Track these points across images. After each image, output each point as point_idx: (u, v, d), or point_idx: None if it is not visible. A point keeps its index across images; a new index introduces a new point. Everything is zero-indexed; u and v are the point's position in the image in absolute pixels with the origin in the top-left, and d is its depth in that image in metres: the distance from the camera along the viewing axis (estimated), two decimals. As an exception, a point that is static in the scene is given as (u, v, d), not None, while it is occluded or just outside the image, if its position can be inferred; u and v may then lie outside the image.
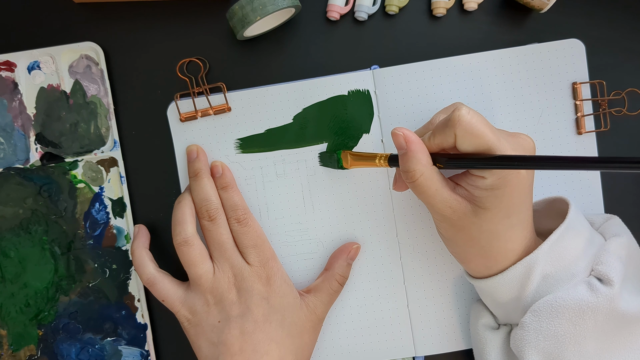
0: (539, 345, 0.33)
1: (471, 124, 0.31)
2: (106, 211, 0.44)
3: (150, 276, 0.39)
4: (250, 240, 0.40)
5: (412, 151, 0.33)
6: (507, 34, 0.43)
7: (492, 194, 0.32)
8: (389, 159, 0.37)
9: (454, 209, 0.33)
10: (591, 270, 0.34)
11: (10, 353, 0.44)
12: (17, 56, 0.43)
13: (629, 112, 0.43)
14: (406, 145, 0.33)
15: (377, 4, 0.43)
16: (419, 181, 0.33)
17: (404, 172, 0.33)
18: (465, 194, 0.33)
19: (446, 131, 0.32)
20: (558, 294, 0.33)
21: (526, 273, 0.34)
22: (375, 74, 0.42)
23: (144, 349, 0.44)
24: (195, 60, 0.44)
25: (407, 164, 0.33)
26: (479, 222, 0.33)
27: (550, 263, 0.34)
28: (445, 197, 0.33)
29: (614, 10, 0.43)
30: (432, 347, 0.43)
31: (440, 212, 0.34)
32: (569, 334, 0.33)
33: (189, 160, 0.42)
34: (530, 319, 0.34)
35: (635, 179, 0.43)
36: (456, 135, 0.32)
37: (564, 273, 0.34)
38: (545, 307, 0.33)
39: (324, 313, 0.41)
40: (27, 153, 0.43)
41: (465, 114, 0.31)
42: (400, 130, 0.33)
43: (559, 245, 0.34)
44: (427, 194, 0.33)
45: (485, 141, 0.31)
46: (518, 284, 0.34)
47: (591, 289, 0.33)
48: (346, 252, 0.42)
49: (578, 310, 0.32)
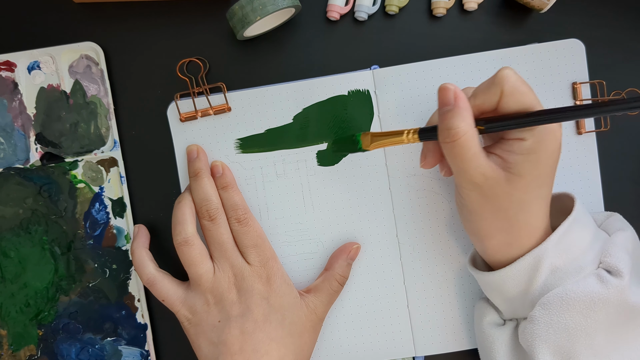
0: (550, 339, 0.33)
1: (518, 82, 0.32)
2: (106, 211, 0.44)
3: (150, 276, 0.39)
4: (250, 240, 0.40)
5: (460, 107, 0.32)
6: (507, 34, 0.43)
7: (527, 159, 0.32)
8: (419, 131, 0.35)
9: (487, 176, 0.32)
10: (599, 262, 0.34)
11: (10, 353, 0.44)
12: (17, 56, 0.43)
13: (629, 112, 0.43)
14: (454, 100, 0.32)
15: (377, 4, 0.43)
16: (461, 140, 0.32)
17: (446, 130, 0.32)
18: (499, 162, 0.33)
19: (491, 89, 0.32)
20: (568, 286, 0.33)
21: (535, 265, 0.34)
22: (375, 74, 0.42)
23: (144, 349, 0.44)
24: (195, 60, 0.44)
25: (451, 121, 0.32)
26: (510, 190, 0.32)
27: (559, 255, 0.34)
28: (481, 163, 0.32)
29: (614, 10, 0.43)
30: (432, 347, 0.43)
31: (472, 179, 0.33)
32: (580, 326, 0.32)
33: (189, 160, 0.42)
34: (539, 312, 0.33)
35: (635, 179, 0.43)
36: (503, 93, 0.32)
37: (572, 266, 0.34)
38: (555, 300, 0.33)
39: (324, 313, 0.41)
40: (27, 153, 0.43)
41: (512, 73, 0.32)
42: (451, 85, 0.32)
43: (567, 238, 0.34)
44: (464, 157, 0.32)
45: (530, 99, 0.32)
46: (526, 277, 0.34)
47: (601, 280, 0.32)
48: (346, 252, 0.42)
49: (589, 302, 0.32)
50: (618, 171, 0.43)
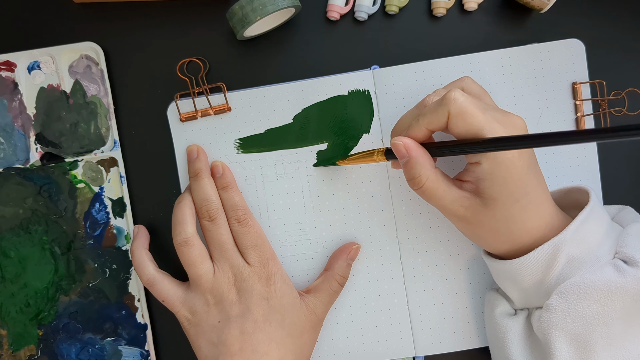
0: (567, 327, 0.33)
1: (465, 103, 0.32)
2: (106, 211, 0.44)
3: (150, 276, 0.39)
4: (250, 241, 0.40)
5: (414, 157, 0.33)
6: (507, 34, 0.43)
7: (492, 182, 0.32)
8: (385, 152, 0.37)
9: (466, 206, 0.33)
10: (615, 253, 0.34)
11: (10, 353, 0.44)
12: (17, 56, 0.43)
13: (629, 112, 0.43)
14: (407, 152, 0.34)
15: (377, 4, 0.43)
16: (426, 185, 0.34)
17: (410, 179, 0.34)
18: (472, 188, 0.34)
19: (439, 110, 0.33)
20: (585, 275, 0.33)
21: (552, 255, 0.34)
22: (375, 74, 0.42)
23: (144, 349, 0.44)
24: (195, 60, 0.44)
25: (411, 171, 0.34)
26: (491, 212, 0.33)
27: (576, 245, 0.34)
28: (454, 197, 0.34)
29: (614, 10, 0.43)
30: (432, 347, 0.43)
31: (453, 212, 0.34)
32: (597, 315, 0.32)
33: (189, 160, 0.42)
34: (556, 300, 0.33)
35: (635, 179, 0.43)
36: (450, 114, 0.32)
37: (589, 256, 0.34)
38: (572, 289, 0.33)
39: (323, 313, 0.41)
40: (27, 153, 0.43)
41: (459, 95, 0.32)
42: (399, 139, 0.34)
43: (584, 228, 0.34)
44: (436, 197, 0.34)
45: (477, 122, 0.32)
46: (543, 266, 0.34)
47: (618, 270, 0.33)
48: (346, 252, 0.42)
49: (606, 291, 0.32)
50: (618, 171, 0.43)
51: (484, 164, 0.32)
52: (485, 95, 0.36)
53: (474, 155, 0.33)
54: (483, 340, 0.42)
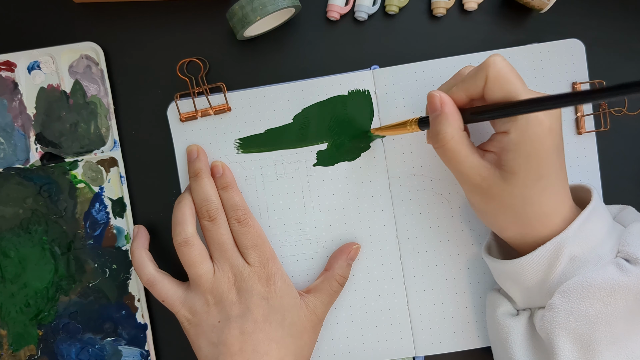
0: (570, 327, 0.33)
1: (504, 69, 0.32)
2: (106, 211, 0.44)
3: (150, 277, 0.39)
4: (250, 241, 0.40)
5: (446, 113, 0.33)
6: (507, 34, 0.43)
7: (516, 154, 0.32)
8: (418, 121, 0.36)
9: (484, 176, 0.33)
10: (617, 252, 0.34)
11: (10, 353, 0.44)
12: (17, 56, 0.43)
13: (629, 112, 0.43)
14: (440, 106, 0.33)
15: (377, 4, 0.43)
16: (450, 144, 0.33)
17: (435, 134, 0.33)
18: (494, 159, 0.33)
19: (478, 75, 0.32)
20: (588, 274, 0.33)
21: (554, 254, 0.33)
22: (375, 74, 0.42)
23: (144, 349, 0.44)
24: (195, 60, 0.44)
25: (439, 126, 0.33)
26: (509, 188, 0.32)
27: (578, 244, 0.33)
28: (474, 164, 0.33)
29: (614, 10, 0.43)
30: (432, 347, 0.43)
31: (470, 180, 0.33)
32: (600, 314, 0.32)
33: (189, 160, 0.42)
34: (559, 300, 0.33)
35: (635, 179, 0.43)
36: (487, 78, 0.32)
37: (591, 255, 0.34)
38: (575, 288, 0.33)
39: (323, 313, 0.41)
40: (27, 153, 0.43)
41: (499, 59, 0.32)
42: (437, 92, 0.33)
43: (586, 227, 0.34)
44: (456, 160, 0.33)
45: (514, 88, 0.31)
46: (545, 265, 0.34)
47: (621, 269, 0.32)
48: (346, 252, 0.42)
49: (609, 290, 0.32)
50: (618, 171, 0.43)
51: (512, 134, 0.32)
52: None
53: (504, 124, 0.32)
54: (483, 340, 0.42)
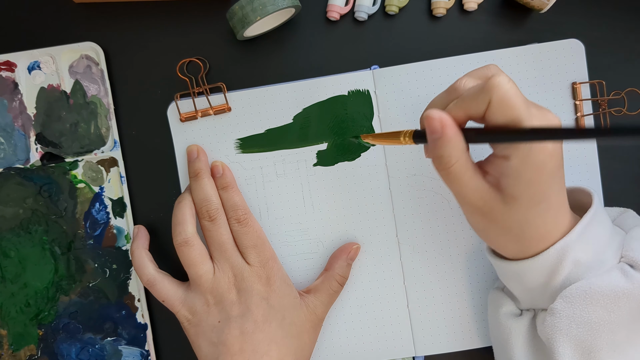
0: (571, 333, 0.32)
1: (508, 92, 0.29)
2: (106, 211, 0.44)
3: (150, 277, 0.39)
4: (250, 241, 0.40)
5: (448, 135, 0.30)
6: (507, 34, 0.43)
7: (518, 180, 0.30)
8: (413, 135, 0.34)
9: (485, 199, 0.31)
10: (620, 257, 0.33)
11: (11, 353, 0.44)
12: (17, 56, 0.43)
13: (629, 112, 0.43)
14: (441, 129, 0.30)
15: (377, 4, 0.43)
16: (454, 168, 0.31)
17: (438, 158, 0.31)
18: (493, 182, 0.32)
19: (480, 97, 0.30)
20: (591, 279, 0.32)
21: (559, 258, 0.33)
22: (375, 74, 0.42)
23: (144, 349, 0.44)
24: (195, 60, 0.44)
25: (442, 149, 0.30)
26: (509, 211, 0.31)
27: (581, 249, 0.33)
28: (477, 186, 0.31)
29: (614, 10, 0.43)
30: (432, 347, 0.43)
31: (472, 202, 0.32)
32: (603, 321, 0.32)
33: (189, 160, 0.42)
34: (561, 305, 0.32)
35: (636, 180, 0.43)
36: (491, 102, 0.29)
37: (594, 259, 0.33)
38: (578, 293, 0.32)
39: (323, 313, 0.41)
40: (27, 153, 0.43)
41: (505, 82, 0.29)
42: (436, 112, 0.30)
43: (589, 231, 0.33)
44: (460, 183, 0.31)
45: (518, 114, 0.29)
46: (549, 269, 0.33)
47: (625, 275, 0.32)
48: (346, 252, 0.42)
49: (613, 297, 0.31)
50: (618, 171, 0.43)
51: (513, 161, 0.30)
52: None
53: (504, 149, 0.30)
54: (483, 340, 0.42)
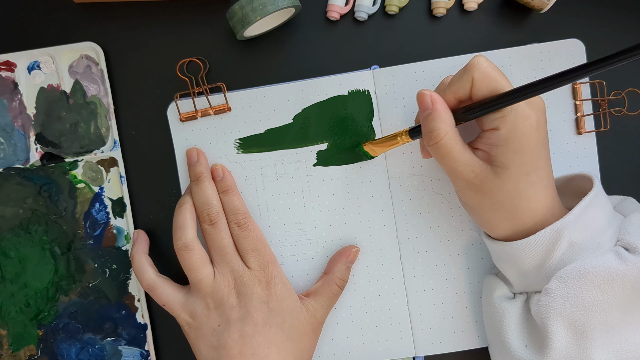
0: (565, 312, 0.33)
1: (488, 68, 0.33)
2: (106, 211, 0.44)
3: (150, 281, 0.40)
4: (250, 244, 0.40)
5: (437, 110, 0.33)
6: (507, 34, 0.43)
7: (507, 149, 0.32)
8: (409, 132, 0.37)
9: (476, 172, 0.33)
10: (617, 240, 0.34)
11: (10, 353, 0.44)
12: (17, 56, 0.43)
13: (629, 112, 0.43)
14: (432, 104, 0.33)
15: (377, 4, 0.43)
16: (443, 141, 0.33)
17: (428, 132, 0.34)
18: (484, 156, 0.34)
19: (463, 76, 0.33)
20: (586, 261, 0.33)
21: (554, 239, 0.34)
22: (375, 74, 0.42)
23: (144, 349, 0.44)
24: (195, 60, 0.44)
25: (432, 123, 0.33)
26: (500, 182, 0.33)
27: (578, 231, 0.34)
28: (467, 159, 0.33)
29: (614, 10, 0.43)
30: (432, 347, 0.43)
31: (463, 176, 0.34)
32: (596, 301, 0.32)
33: (190, 163, 0.42)
34: (556, 285, 0.33)
35: (635, 175, 0.43)
36: (474, 79, 0.33)
37: (590, 242, 0.34)
38: (572, 274, 0.33)
39: (323, 316, 0.41)
40: (27, 153, 0.43)
41: (483, 60, 0.33)
42: (427, 90, 0.34)
43: (587, 214, 0.34)
44: (450, 156, 0.34)
45: (500, 84, 0.32)
46: (544, 250, 0.34)
47: (619, 257, 0.33)
48: (345, 255, 0.42)
49: (607, 278, 0.32)
50: (618, 171, 0.43)
51: (502, 130, 0.32)
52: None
53: (492, 122, 0.33)
54: (483, 341, 0.42)
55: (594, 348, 0.33)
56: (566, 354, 0.33)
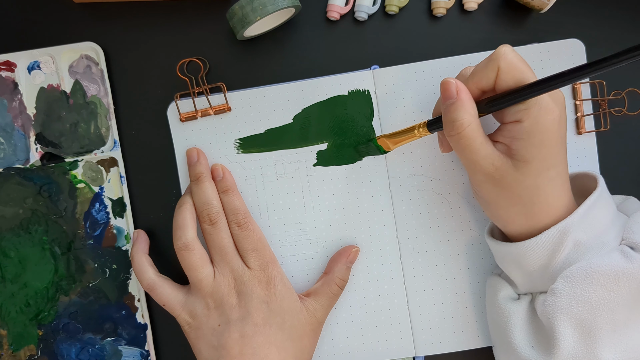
0: (572, 312, 0.33)
1: (515, 58, 0.32)
2: (106, 211, 0.44)
3: (151, 281, 0.40)
4: (250, 244, 0.40)
5: (462, 100, 0.33)
6: (507, 34, 0.43)
7: (529, 142, 0.32)
8: (427, 124, 0.37)
9: (497, 165, 0.33)
10: (622, 239, 0.34)
11: (11, 353, 0.44)
12: (17, 56, 0.43)
13: (629, 112, 0.43)
14: (457, 93, 0.33)
15: (377, 4, 0.43)
16: (466, 132, 0.33)
17: (451, 122, 0.33)
18: (505, 150, 0.33)
19: (488, 66, 0.32)
20: (592, 260, 0.33)
21: (559, 239, 0.34)
22: (375, 74, 0.42)
23: (144, 349, 0.44)
24: (195, 60, 0.44)
25: (455, 113, 0.33)
26: (521, 177, 0.33)
27: (583, 230, 0.34)
28: (489, 152, 0.33)
29: (614, 10, 0.43)
30: (432, 347, 0.43)
31: (483, 169, 0.33)
32: (603, 300, 0.32)
33: (190, 163, 0.42)
34: (562, 285, 0.33)
35: (635, 176, 0.43)
36: (499, 69, 0.32)
37: (595, 241, 0.34)
38: (579, 273, 0.33)
39: (323, 316, 0.41)
40: (27, 153, 0.43)
41: (509, 50, 0.32)
42: (452, 79, 0.33)
43: (592, 213, 0.34)
44: (471, 148, 0.33)
45: (526, 76, 0.32)
46: (549, 250, 0.34)
47: (625, 256, 0.33)
48: (345, 255, 0.42)
49: (613, 277, 0.32)
50: (618, 171, 0.43)
51: (525, 123, 0.32)
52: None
53: (515, 114, 0.32)
54: (484, 340, 0.42)
55: (601, 347, 0.33)
56: (574, 353, 0.33)
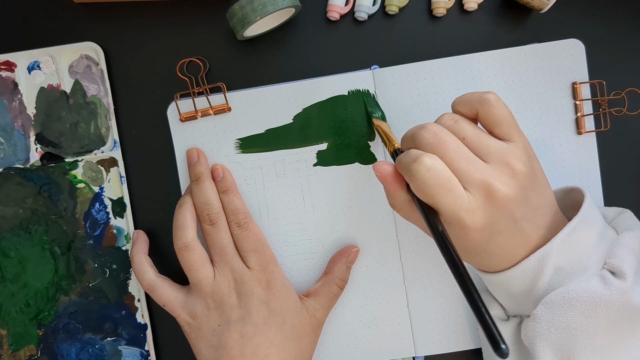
0: (551, 338, 0.33)
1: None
2: (106, 211, 0.44)
3: (150, 282, 0.40)
4: (250, 245, 0.40)
5: (388, 190, 0.35)
6: (507, 34, 0.43)
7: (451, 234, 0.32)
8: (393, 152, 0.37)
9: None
10: (604, 263, 0.34)
11: (10, 353, 0.44)
12: (17, 56, 0.43)
13: (629, 112, 0.43)
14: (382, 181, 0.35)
15: (377, 4, 0.43)
16: (399, 213, 0.35)
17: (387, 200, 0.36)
18: None
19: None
20: (570, 286, 0.33)
21: (539, 266, 0.33)
22: (375, 74, 0.42)
23: (144, 349, 0.44)
24: (195, 60, 0.44)
25: (387, 195, 0.35)
26: (465, 237, 0.32)
27: (564, 255, 0.33)
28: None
29: (614, 10, 0.43)
30: (432, 347, 0.43)
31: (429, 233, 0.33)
32: (581, 326, 0.32)
33: (190, 163, 0.42)
34: (542, 311, 0.33)
35: (635, 179, 0.43)
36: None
37: (577, 266, 0.33)
38: (557, 299, 0.33)
39: (323, 317, 0.41)
40: (27, 153, 0.43)
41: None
42: (378, 169, 0.34)
43: (573, 238, 0.33)
44: (411, 219, 0.35)
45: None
46: (531, 277, 0.34)
47: (604, 282, 0.32)
48: (345, 255, 0.42)
49: (591, 303, 0.32)
50: (618, 171, 0.43)
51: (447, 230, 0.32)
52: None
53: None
54: (483, 340, 0.42)
55: None
56: None
